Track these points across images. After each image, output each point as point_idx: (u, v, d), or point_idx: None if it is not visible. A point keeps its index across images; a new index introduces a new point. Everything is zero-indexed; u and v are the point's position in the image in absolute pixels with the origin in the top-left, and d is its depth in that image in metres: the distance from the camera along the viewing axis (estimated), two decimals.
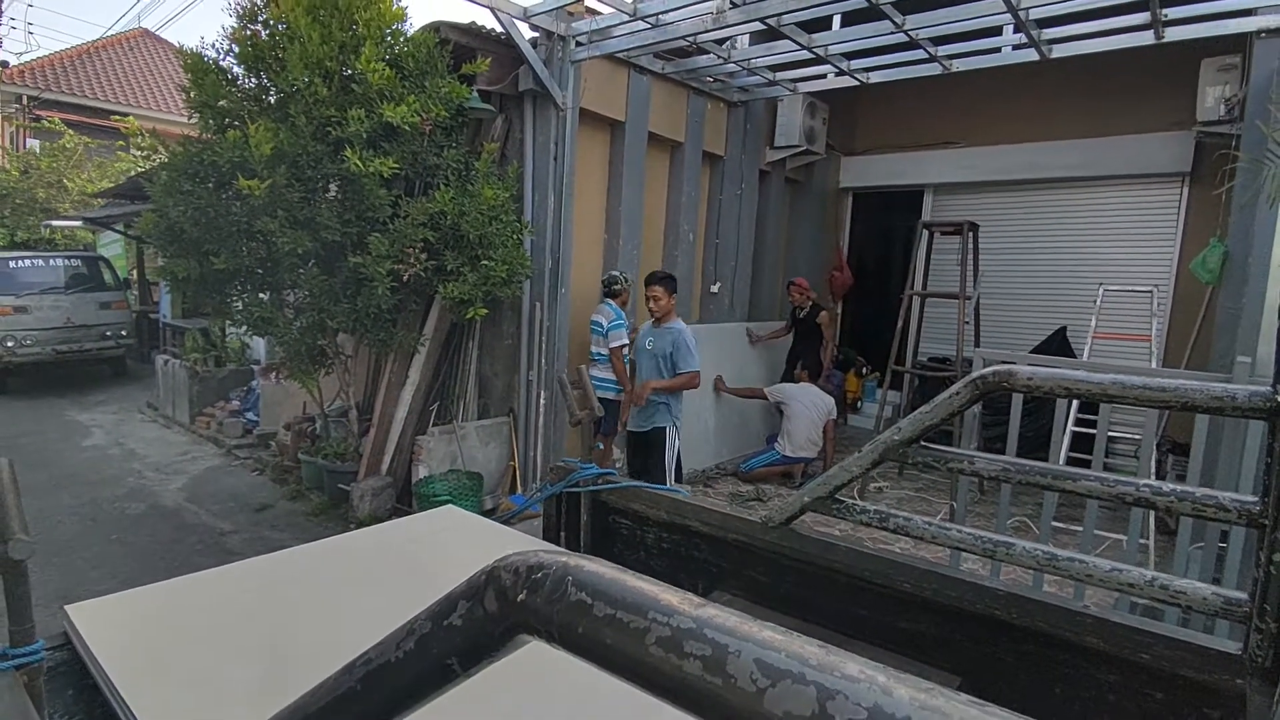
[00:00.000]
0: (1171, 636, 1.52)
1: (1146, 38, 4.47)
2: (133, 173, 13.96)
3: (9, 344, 8.94)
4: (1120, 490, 1.51)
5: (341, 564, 2.46)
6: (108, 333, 9.78)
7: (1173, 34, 4.41)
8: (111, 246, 12.76)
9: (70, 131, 13.86)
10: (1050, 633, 1.60)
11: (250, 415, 7.43)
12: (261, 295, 4.92)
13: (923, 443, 1.74)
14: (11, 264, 9.47)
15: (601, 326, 5.02)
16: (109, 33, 18.44)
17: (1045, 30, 4.57)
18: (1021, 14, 4.14)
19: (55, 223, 12.57)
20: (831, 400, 6.24)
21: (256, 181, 4.00)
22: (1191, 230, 6.37)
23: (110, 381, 10.23)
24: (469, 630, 0.50)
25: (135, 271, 12.54)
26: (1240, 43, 4.82)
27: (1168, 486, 1.51)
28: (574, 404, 2.96)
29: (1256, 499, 1.37)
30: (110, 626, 1.65)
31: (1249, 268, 4.04)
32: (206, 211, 4.33)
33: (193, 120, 4.63)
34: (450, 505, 3.05)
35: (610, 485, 2.56)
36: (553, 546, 2.50)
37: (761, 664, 0.36)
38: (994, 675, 1.79)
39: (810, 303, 6.62)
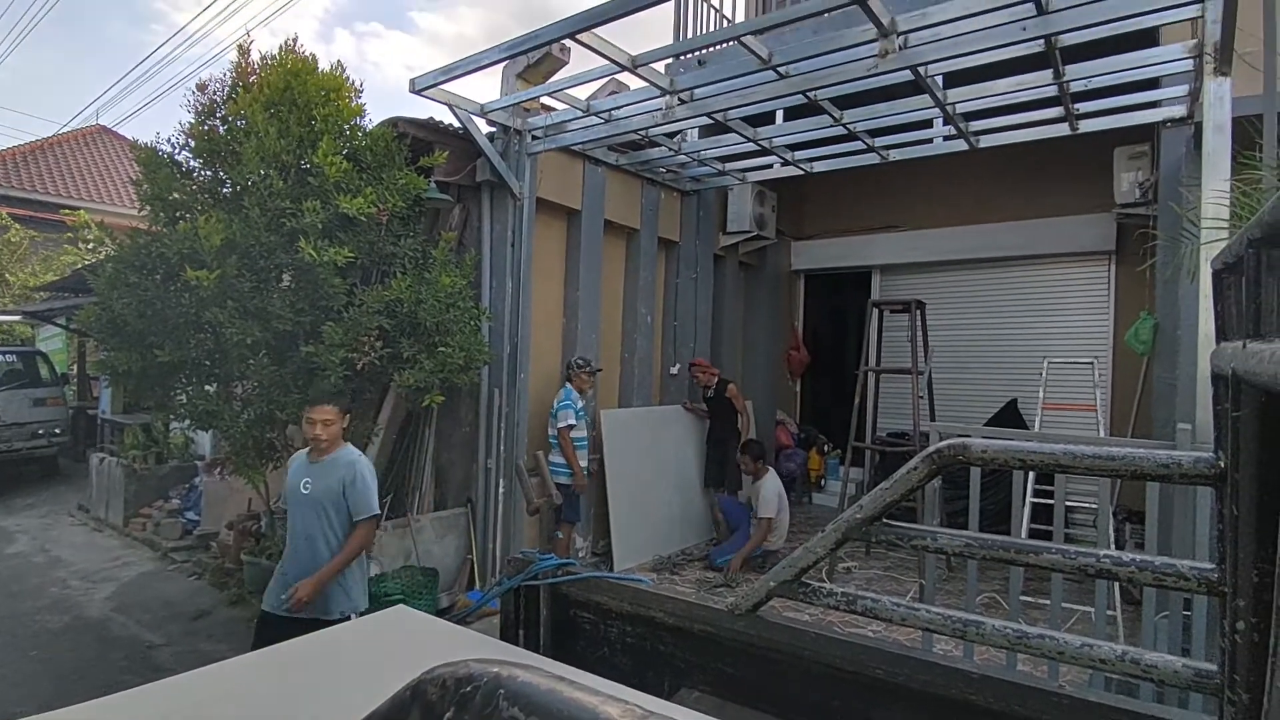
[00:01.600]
0: (1148, 715, 1.47)
1: (1063, 129, 4.82)
2: (78, 266, 13.72)
3: None
4: (1082, 562, 1.50)
5: (282, 676, 2.27)
6: (40, 430, 9.30)
7: (1086, 125, 4.77)
8: (52, 341, 12.33)
9: (16, 225, 13.63)
10: (1028, 717, 1.54)
11: (190, 514, 7.04)
12: (207, 387, 4.76)
13: (885, 520, 1.72)
14: None
15: (554, 409, 5.05)
16: (65, 129, 18.46)
17: (972, 123, 4.91)
18: (949, 109, 4.44)
19: None
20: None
21: (205, 272, 3.94)
22: (1122, 304, 6.71)
23: (40, 482, 9.65)
24: None
25: (75, 366, 12.09)
26: (1149, 132, 5.24)
27: (1128, 557, 1.50)
28: (531, 491, 2.89)
29: (1214, 566, 1.37)
30: None
31: (1179, 339, 4.24)
32: (152, 303, 4.23)
33: (143, 213, 4.59)
34: (402, 605, 2.88)
35: (570, 577, 2.46)
36: (506, 647, 2.36)
37: None
38: None
39: (715, 379, 6.50)
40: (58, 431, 9.60)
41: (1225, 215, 2.55)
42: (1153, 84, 4.39)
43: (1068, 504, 4.06)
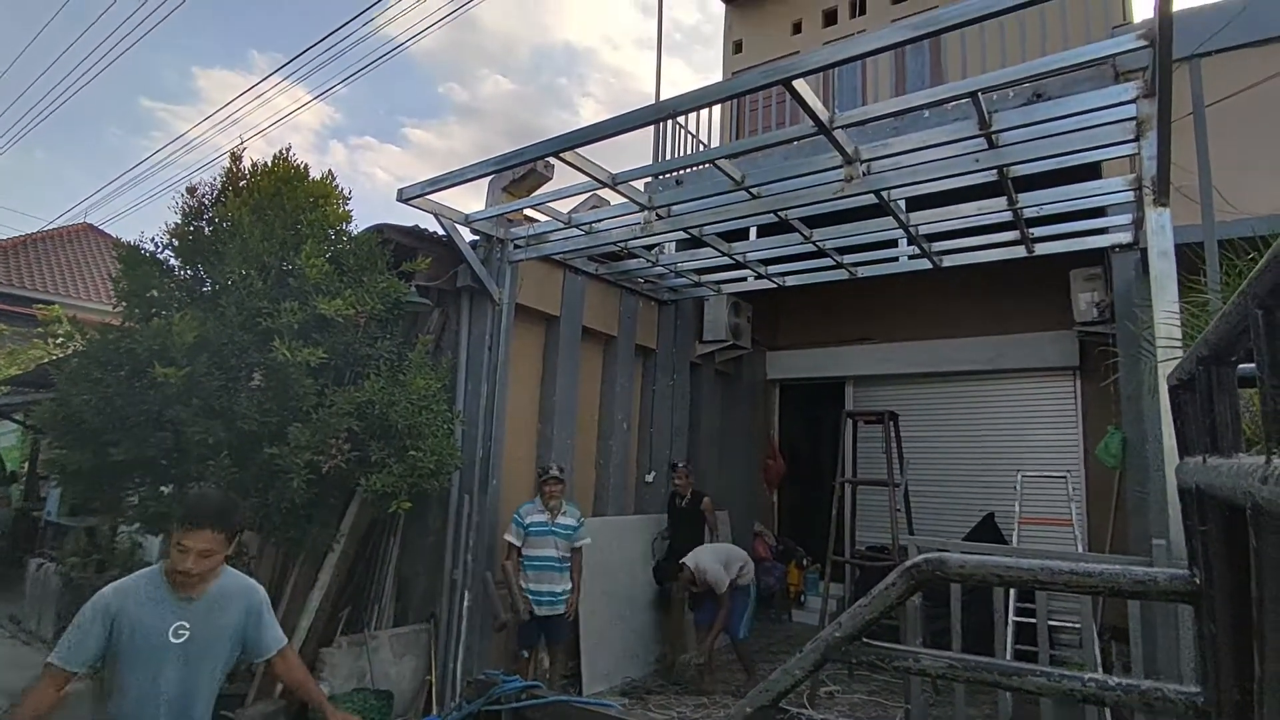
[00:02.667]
0: None
1: (1019, 251, 5.09)
2: (44, 360, 13.47)
3: None
4: (1068, 686, 1.43)
5: None
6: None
7: (1041, 248, 5.04)
8: (6, 437, 11.91)
9: None
10: None
11: None
12: (163, 489, 4.57)
13: (865, 639, 1.65)
14: None
15: None
16: (52, 225, 18.71)
17: (934, 244, 5.16)
18: (912, 230, 4.68)
19: None
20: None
21: (174, 369, 3.88)
22: (1090, 418, 6.84)
23: None
24: None
25: (27, 464, 11.62)
26: (1100, 255, 5.54)
27: (1114, 680, 1.44)
28: (498, 605, 2.74)
29: (1199, 689, 1.32)
30: None
31: (1147, 453, 4.30)
32: (114, 400, 4.12)
33: (118, 308, 4.57)
34: None
35: (535, 701, 2.31)
36: None
37: None
38: None
39: (691, 489, 6.28)
40: None
41: (1177, 335, 2.66)
42: (1100, 212, 4.69)
43: (1051, 622, 3.95)
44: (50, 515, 9.41)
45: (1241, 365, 0.96)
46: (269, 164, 4.91)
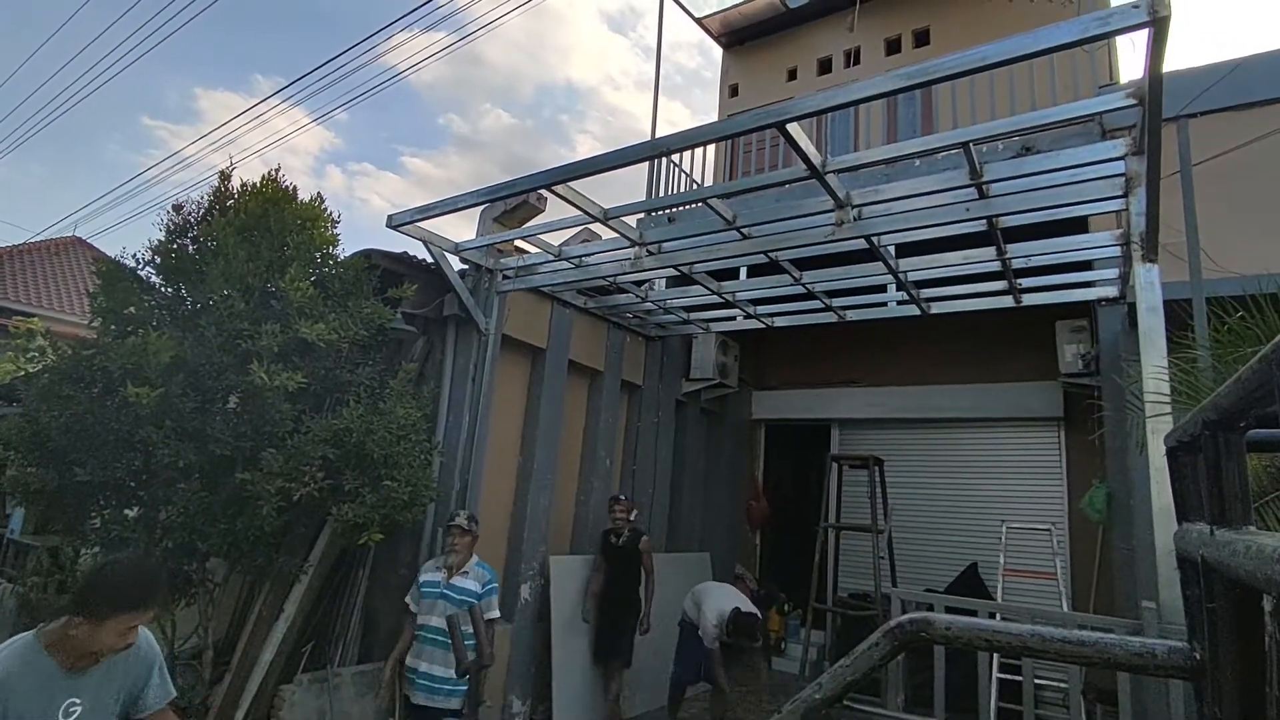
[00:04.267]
0: None
1: (1007, 301, 5.11)
2: (20, 375, 13.20)
3: None
4: None
5: None
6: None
7: (1029, 299, 5.07)
8: None
9: None
10: None
11: None
12: (127, 511, 4.41)
13: (846, 701, 1.56)
14: None
15: None
16: (38, 237, 18.55)
17: (923, 290, 5.18)
18: (901, 276, 4.70)
19: None
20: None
21: (147, 389, 3.77)
22: (1075, 470, 6.82)
23: None
24: None
25: None
26: (1087, 307, 5.58)
27: None
28: (462, 649, 2.63)
29: None
30: None
31: (1133, 509, 4.26)
32: (84, 419, 4.00)
33: (94, 324, 4.47)
34: None
35: None
36: None
37: None
38: None
39: (628, 526, 5.50)
40: None
41: (1166, 390, 2.63)
42: (1087, 265, 4.73)
43: (1037, 681, 3.86)
44: (13, 533, 9.10)
45: (1250, 431, 0.91)
46: (257, 184, 4.88)
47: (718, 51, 10.73)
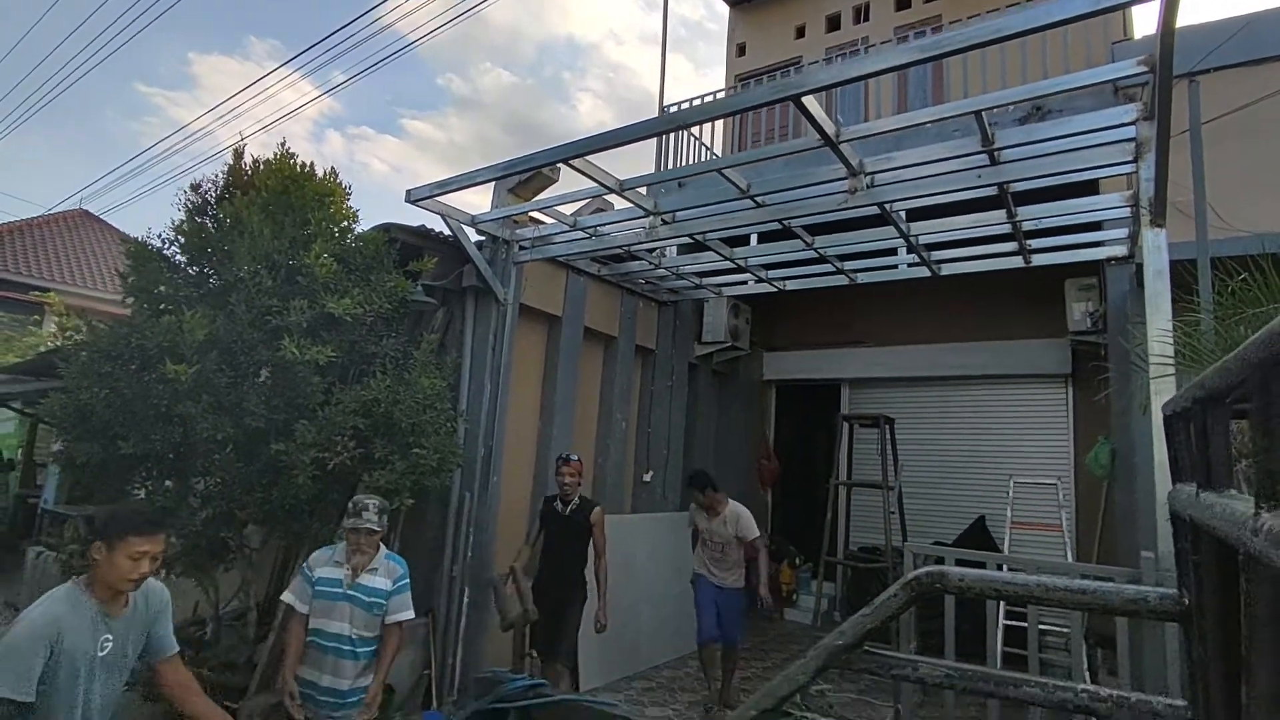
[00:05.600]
0: None
1: (1017, 262, 5.17)
2: (42, 349, 13.43)
3: None
4: (1060, 697, 1.51)
5: None
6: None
7: (1038, 260, 5.12)
8: (4, 425, 11.89)
9: None
10: None
11: None
12: (168, 483, 4.61)
13: (866, 646, 1.72)
14: None
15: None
16: (49, 212, 18.60)
17: (933, 253, 5.24)
18: (912, 239, 4.76)
19: None
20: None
21: (184, 366, 3.92)
22: (1081, 426, 6.95)
23: None
24: None
25: (23, 452, 11.61)
26: (1096, 266, 5.64)
27: (1105, 692, 1.52)
28: (506, 605, 2.81)
29: (1185, 704, 1.40)
30: None
31: (1135, 466, 4.40)
32: (124, 394, 4.16)
33: (127, 302, 4.60)
34: None
35: (541, 700, 2.37)
36: None
37: None
38: None
39: (579, 493, 4.78)
40: None
41: (1170, 353, 2.74)
42: (1096, 226, 4.77)
43: (1040, 626, 4.05)
44: (48, 503, 9.41)
45: (1237, 405, 1.03)
46: (271, 160, 4.94)
47: (722, 5, 10.56)
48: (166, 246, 4.75)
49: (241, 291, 4.28)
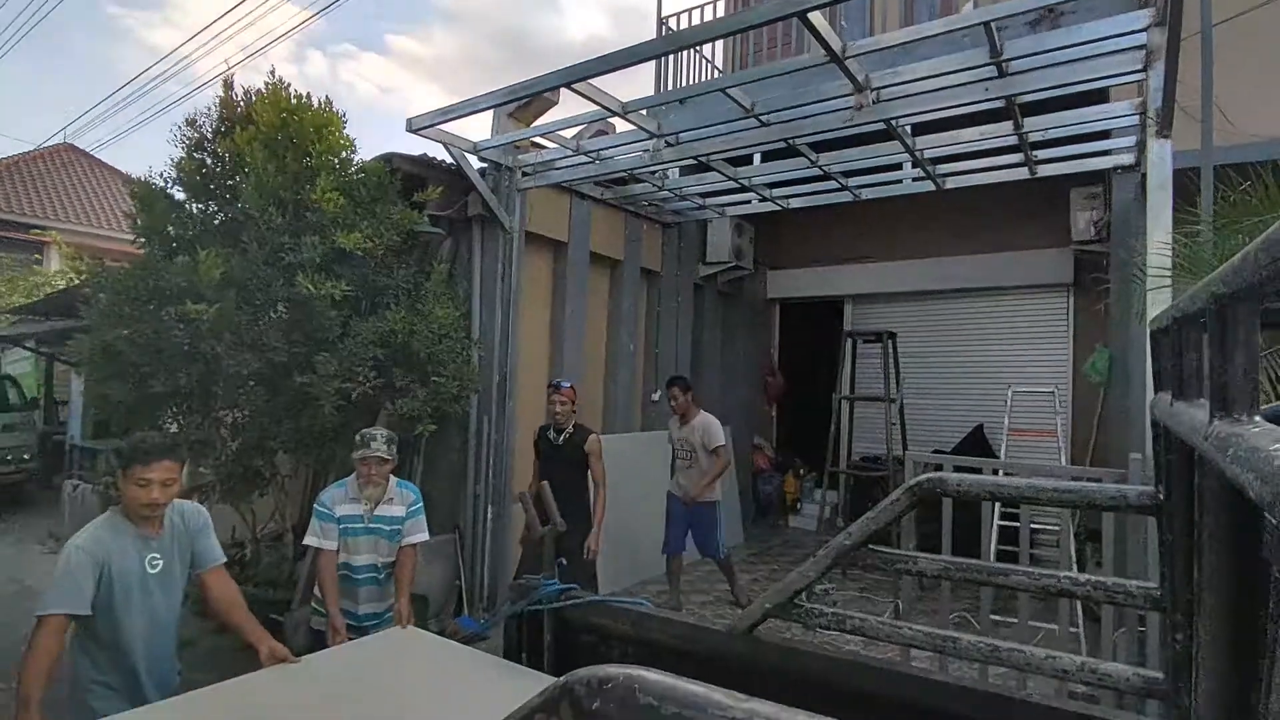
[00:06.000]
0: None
1: (1023, 173, 5.15)
2: (47, 288, 13.47)
3: None
4: (1045, 583, 1.69)
5: (310, 686, 2.42)
6: (9, 456, 9.12)
7: (1044, 170, 5.10)
8: (19, 364, 12.09)
9: None
10: None
11: None
12: (198, 418, 4.80)
13: (870, 545, 1.90)
14: None
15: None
16: (39, 148, 18.19)
17: (938, 166, 5.21)
18: (917, 154, 4.73)
19: None
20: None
21: (205, 305, 4.02)
22: (1081, 334, 7.07)
23: (7, 509, 9.41)
24: None
25: (42, 390, 11.86)
26: (1102, 175, 5.61)
27: (1084, 577, 1.70)
28: (535, 519, 3.01)
29: (1157, 585, 1.58)
30: None
31: (1130, 373, 4.54)
32: (148, 335, 4.29)
33: (139, 244, 4.66)
34: (411, 627, 3.00)
35: (574, 602, 2.59)
36: (517, 668, 2.48)
37: None
38: None
39: (575, 421, 4.55)
40: (26, 457, 9.41)
41: (1168, 265, 2.82)
42: (1104, 135, 4.73)
43: (1033, 526, 4.30)
44: (75, 439, 9.73)
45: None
46: (263, 90, 4.85)
47: None
48: (170, 186, 4.76)
49: (252, 230, 4.33)
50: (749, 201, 6.37)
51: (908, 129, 4.45)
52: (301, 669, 2.51)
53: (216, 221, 4.77)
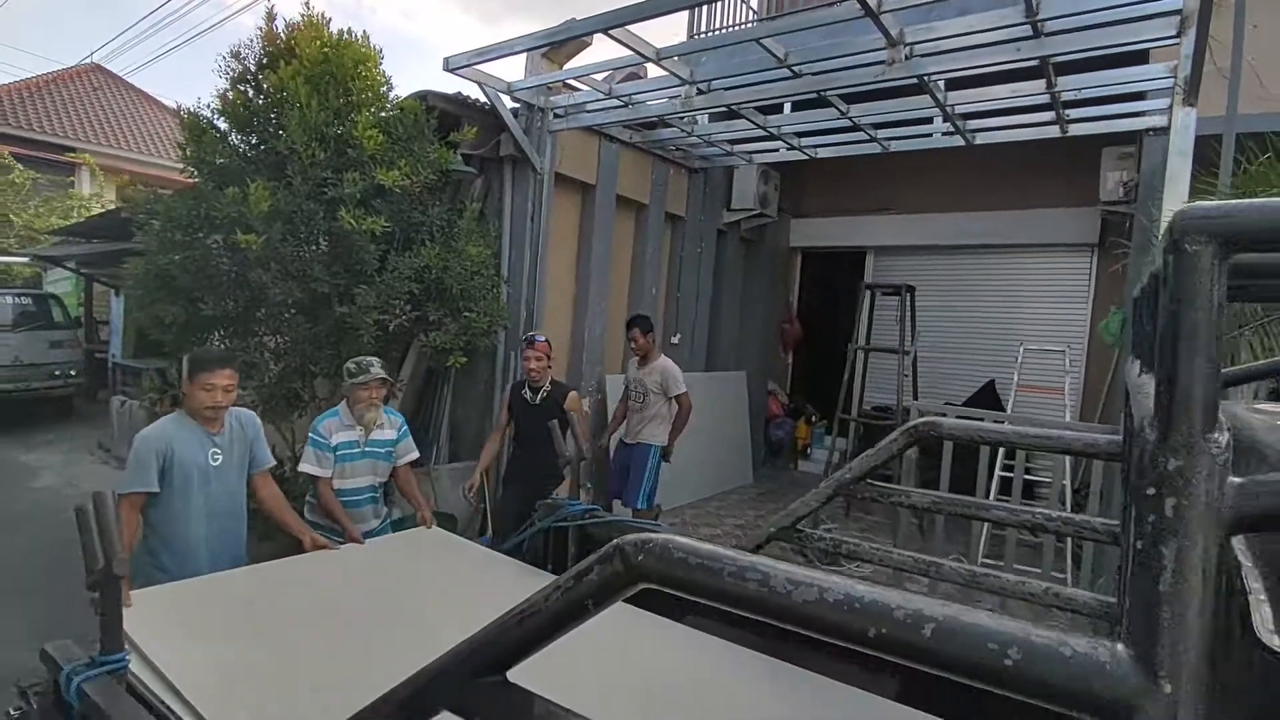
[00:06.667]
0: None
1: (1053, 131, 5.14)
2: (84, 211, 13.78)
3: None
4: (1022, 518, 1.91)
5: (348, 567, 2.76)
6: (57, 371, 9.58)
7: (1076, 129, 5.09)
8: (60, 284, 12.51)
9: (19, 166, 13.66)
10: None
11: None
12: (243, 340, 5.08)
13: (869, 480, 2.12)
14: None
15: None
16: (67, 68, 18.22)
17: (969, 122, 5.22)
18: (948, 109, 4.75)
19: (1, 259, 12.28)
20: None
21: (254, 236, 4.24)
22: (1102, 295, 7.11)
23: (56, 422, 9.95)
24: (603, 582, 0.82)
25: (83, 310, 12.31)
26: (1135, 135, 5.56)
27: (1056, 513, 1.92)
28: (562, 445, 3.27)
29: (1119, 522, 1.79)
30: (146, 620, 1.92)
31: None
32: (199, 261, 4.52)
33: (187, 173, 4.85)
34: (436, 528, 3.33)
35: (596, 520, 2.87)
36: (536, 571, 2.77)
37: (789, 579, 0.70)
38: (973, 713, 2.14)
39: (548, 378, 4.29)
40: (73, 373, 9.88)
41: None
42: (1139, 96, 4.71)
43: (1034, 478, 4.52)
44: (116, 357, 10.17)
45: None
46: (300, 23, 4.93)
47: None
48: (215, 117, 4.91)
49: (296, 164, 4.49)
50: (777, 150, 6.40)
51: (940, 84, 4.47)
52: (338, 555, 2.88)
53: (262, 154, 4.94)
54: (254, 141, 4.88)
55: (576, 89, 5.33)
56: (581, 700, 0.91)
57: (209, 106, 4.85)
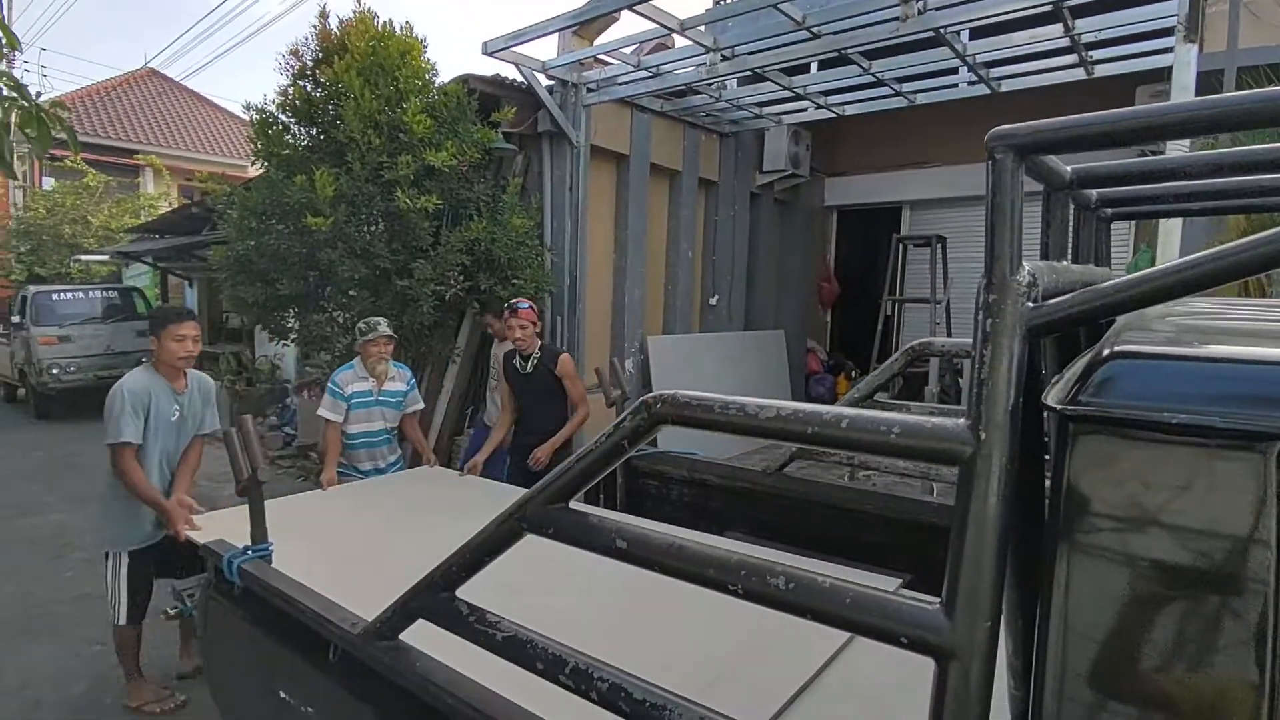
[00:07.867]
0: None
1: (1078, 74, 5.20)
2: (152, 210, 14.68)
3: (54, 371, 9.57)
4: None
5: (376, 500, 3.19)
6: (143, 358, 10.39)
7: (1101, 70, 5.14)
8: (139, 279, 13.43)
9: (92, 170, 14.60)
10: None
11: (288, 429, 8.06)
12: (315, 316, 5.58)
13: (874, 399, 2.41)
14: (54, 296, 10.14)
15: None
16: (125, 74, 19.17)
17: (993, 69, 5.30)
18: (970, 59, 4.87)
19: (84, 257, 13.24)
20: None
21: (322, 219, 4.67)
22: (1140, 233, 7.07)
23: None
24: (634, 427, 1.15)
25: (160, 300, 13.22)
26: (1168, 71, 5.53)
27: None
28: (609, 388, 3.62)
29: None
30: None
31: None
32: (274, 245, 5.00)
33: (258, 165, 5.32)
34: (438, 466, 3.80)
35: (641, 452, 3.23)
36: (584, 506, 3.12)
37: (758, 406, 1.02)
38: (933, 571, 2.44)
39: (539, 343, 4.04)
40: None
41: None
42: (1167, 32, 4.72)
43: None
44: None
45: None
46: (352, 19, 5.31)
47: None
48: (280, 112, 5.35)
49: (354, 151, 4.90)
50: (805, 110, 6.55)
51: (959, 34, 4.59)
52: (347, 489, 3.32)
53: (322, 144, 5.37)
54: (315, 132, 5.31)
55: (607, 63, 5.59)
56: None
57: (273, 103, 5.29)
